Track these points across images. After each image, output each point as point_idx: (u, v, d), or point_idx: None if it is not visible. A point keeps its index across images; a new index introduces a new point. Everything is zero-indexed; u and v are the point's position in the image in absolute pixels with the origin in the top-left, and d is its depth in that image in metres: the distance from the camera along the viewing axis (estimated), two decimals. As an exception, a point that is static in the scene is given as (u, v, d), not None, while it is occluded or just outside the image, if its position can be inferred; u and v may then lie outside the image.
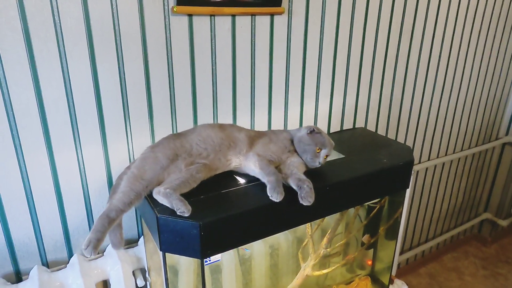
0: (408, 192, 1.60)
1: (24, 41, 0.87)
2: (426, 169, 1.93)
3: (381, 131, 1.65)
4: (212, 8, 1.06)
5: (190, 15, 1.05)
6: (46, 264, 1.07)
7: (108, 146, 1.05)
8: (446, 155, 1.99)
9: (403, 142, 1.76)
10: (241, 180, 0.91)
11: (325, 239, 1.06)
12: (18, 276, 1.04)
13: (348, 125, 1.51)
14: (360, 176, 0.94)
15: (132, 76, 1.03)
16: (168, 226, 0.75)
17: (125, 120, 1.05)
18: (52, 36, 0.90)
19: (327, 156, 0.94)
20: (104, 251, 1.12)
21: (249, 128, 1.27)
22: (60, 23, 0.90)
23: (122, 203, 0.78)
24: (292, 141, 0.96)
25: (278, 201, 0.81)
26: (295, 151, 0.95)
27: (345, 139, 1.21)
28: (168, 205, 0.77)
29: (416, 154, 1.85)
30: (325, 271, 1.07)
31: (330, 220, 1.09)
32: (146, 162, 0.85)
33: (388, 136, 1.68)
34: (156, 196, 0.79)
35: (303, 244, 1.08)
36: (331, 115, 1.44)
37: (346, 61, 1.41)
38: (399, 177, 1.02)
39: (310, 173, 0.91)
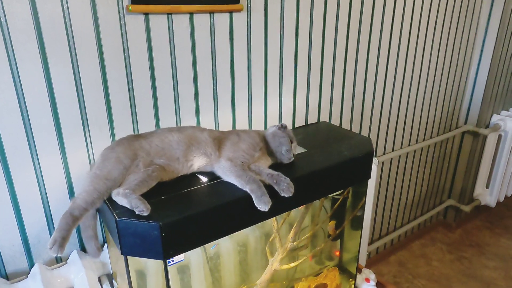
0: (371, 182, 1.65)
1: (-32, 45, 0.83)
2: (391, 159, 1.99)
3: (346, 125, 1.68)
4: (169, 6, 1.05)
5: (146, 14, 1.04)
6: (5, 276, 1.03)
7: (66, 152, 1.02)
8: (409, 145, 2.06)
9: (367, 135, 1.80)
10: (203, 179, 0.90)
11: (291, 233, 1.07)
12: (-25, 291, 0.99)
13: (312, 121, 1.53)
14: (321, 169, 0.95)
15: (88, 79, 1.00)
16: (128, 229, 0.73)
17: (83, 124, 1.02)
18: (-1, 38, 0.86)
19: (294, 151, 0.97)
20: (68, 259, 1.09)
21: (214, 127, 1.27)
22: (7, 24, 0.86)
23: (85, 202, 0.78)
24: (261, 139, 0.97)
25: (266, 210, 0.81)
26: (265, 149, 0.96)
27: (308, 133, 1.23)
28: (127, 205, 0.76)
29: (380, 146, 1.90)
30: (292, 264, 1.09)
31: (296, 213, 1.11)
32: (109, 162, 0.83)
33: (353, 130, 1.71)
34: (115, 197, 0.78)
35: (270, 239, 1.09)
36: (295, 111, 1.46)
37: (307, 58, 1.43)
38: (360, 168, 1.05)
39: (273, 168, 0.92)
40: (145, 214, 0.73)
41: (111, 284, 1.08)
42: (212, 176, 0.90)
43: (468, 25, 2.09)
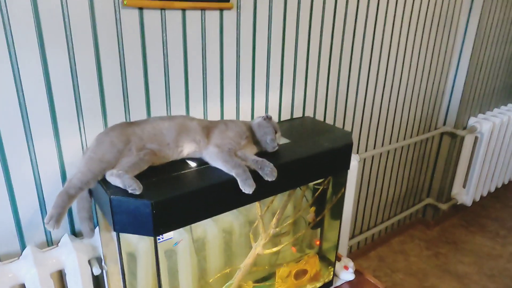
0: (352, 178, 1.72)
1: (-30, 31, 0.87)
2: (373, 157, 2.07)
3: (329, 121, 1.75)
4: (162, 2, 1.10)
5: (140, 8, 1.09)
6: (-3, 257, 1.06)
7: (60, 138, 1.06)
8: (390, 144, 2.15)
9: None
10: (192, 164, 0.96)
11: (274, 219, 1.13)
12: (-32, 270, 1.02)
13: (298, 116, 1.60)
14: (303, 158, 1.02)
15: (84, 68, 1.04)
16: (120, 207, 0.78)
17: (77, 111, 1.07)
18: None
19: (277, 141, 1.03)
20: (59, 241, 1.12)
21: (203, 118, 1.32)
22: (7, 12, 0.90)
23: (80, 182, 0.82)
24: (247, 128, 1.03)
25: (250, 193, 0.87)
26: (251, 138, 1.02)
27: (292, 126, 1.30)
28: (120, 185, 0.81)
29: (362, 143, 1.99)
30: (274, 249, 1.15)
31: (279, 202, 1.17)
32: (103, 146, 0.88)
33: (336, 126, 1.79)
34: (109, 178, 0.83)
35: (254, 225, 1.15)
36: (281, 106, 1.53)
37: (293, 56, 1.49)
38: (339, 159, 1.12)
39: (258, 156, 0.98)
40: (137, 192, 0.79)
41: (101, 267, 1.12)
42: (200, 162, 0.96)
43: (448, 29, 2.19)
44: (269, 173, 0.90)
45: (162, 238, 0.87)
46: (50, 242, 1.14)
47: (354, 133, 1.92)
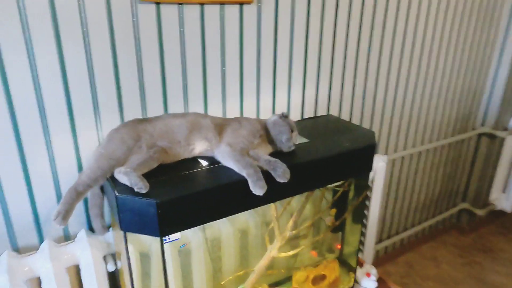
0: (380, 179, 1.64)
1: (-12, 27, 0.88)
2: (402, 158, 1.97)
3: (355, 121, 1.68)
4: (179, -4, 1.08)
5: (157, 3, 1.07)
6: (17, 249, 1.08)
7: (77, 133, 1.06)
8: (422, 144, 2.04)
9: (378, 131, 1.79)
10: (204, 163, 0.93)
11: (290, 222, 1.09)
12: (-12, 261, 1.05)
13: (322, 114, 1.53)
14: (320, 159, 0.96)
15: (100, 64, 1.04)
16: (127, 205, 0.77)
17: (94, 107, 1.07)
18: (16, 21, 0.91)
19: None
20: (75, 237, 1.13)
21: (221, 116, 1.29)
22: (24, 8, 0.91)
23: (89, 179, 0.82)
24: (262, 127, 0.98)
25: (261, 195, 0.83)
26: (265, 137, 0.98)
27: (313, 125, 1.24)
28: (127, 183, 0.79)
29: (392, 143, 1.89)
30: (290, 252, 1.10)
31: (297, 203, 1.12)
32: (113, 142, 0.87)
33: (363, 126, 1.71)
34: (117, 175, 0.82)
35: (270, 226, 1.11)
36: (304, 103, 1.47)
37: (318, 51, 1.43)
38: (360, 160, 1.05)
39: (273, 156, 0.93)
40: (144, 191, 0.77)
41: (115, 264, 1.12)
42: (212, 161, 0.92)
43: (488, 22, 2.04)
44: (282, 174, 0.85)
45: (169, 239, 0.85)
46: (67, 237, 1.15)
47: (383, 132, 1.83)
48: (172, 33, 1.12)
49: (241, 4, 1.20)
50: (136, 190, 0.77)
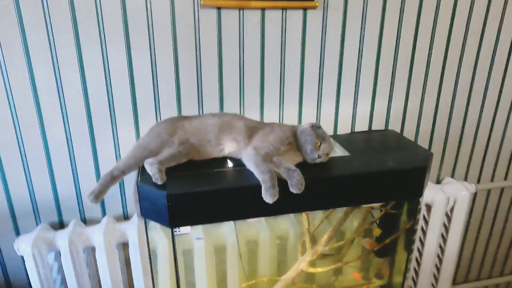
0: (461, 212, 1.42)
1: (72, 28, 1.04)
2: (489, 191, 1.67)
3: (438, 142, 1.48)
4: (239, 1, 1.11)
5: (218, 8, 1.12)
6: (83, 220, 1.25)
7: (139, 125, 1.19)
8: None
9: (467, 155, 1.56)
10: (230, 164, 0.94)
11: (325, 237, 1.02)
12: (62, 224, 1.24)
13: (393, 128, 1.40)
14: (349, 175, 0.88)
15: (163, 65, 1.14)
16: (144, 193, 0.83)
17: (155, 104, 1.17)
18: (94, 23, 1.05)
19: (327, 154, 0.92)
20: (131, 217, 1.26)
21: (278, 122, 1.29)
22: (101, 12, 1.05)
23: (124, 166, 0.90)
24: (293, 134, 0.96)
25: (271, 203, 0.81)
26: (295, 145, 0.94)
27: (365, 139, 1.14)
28: (150, 173, 0.85)
29: (487, 171, 1.62)
30: (319, 269, 1.03)
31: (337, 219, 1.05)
32: (151, 135, 0.95)
33: (447, 150, 1.51)
34: (145, 165, 0.88)
35: (303, 239, 1.06)
36: (373, 116, 1.36)
37: (392, 62, 1.32)
38: (407, 183, 0.93)
39: (301, 167, 0.89)
40: (159, 183, 0.82)
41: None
42: (239, 162, 0.93)
43: None
44: (295, 184, 0.81)
45: (179, 231, 0.88)
46: (126, 216, 1.29)
47: (476, 156, 1.58)
48: (231, 37, 1.15)
49: (305, 9, 1.18)
50: (153, 180, 0.82)
